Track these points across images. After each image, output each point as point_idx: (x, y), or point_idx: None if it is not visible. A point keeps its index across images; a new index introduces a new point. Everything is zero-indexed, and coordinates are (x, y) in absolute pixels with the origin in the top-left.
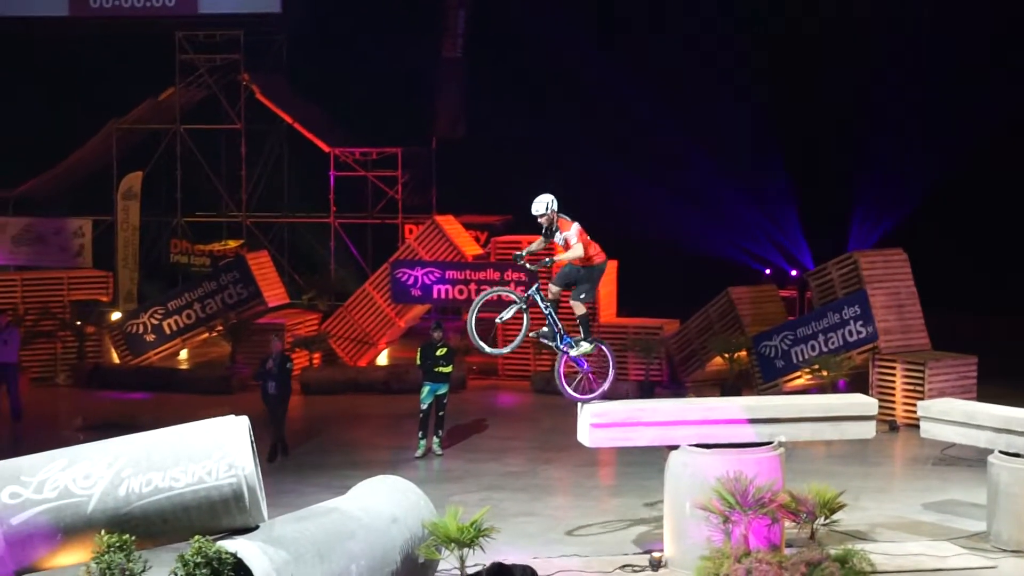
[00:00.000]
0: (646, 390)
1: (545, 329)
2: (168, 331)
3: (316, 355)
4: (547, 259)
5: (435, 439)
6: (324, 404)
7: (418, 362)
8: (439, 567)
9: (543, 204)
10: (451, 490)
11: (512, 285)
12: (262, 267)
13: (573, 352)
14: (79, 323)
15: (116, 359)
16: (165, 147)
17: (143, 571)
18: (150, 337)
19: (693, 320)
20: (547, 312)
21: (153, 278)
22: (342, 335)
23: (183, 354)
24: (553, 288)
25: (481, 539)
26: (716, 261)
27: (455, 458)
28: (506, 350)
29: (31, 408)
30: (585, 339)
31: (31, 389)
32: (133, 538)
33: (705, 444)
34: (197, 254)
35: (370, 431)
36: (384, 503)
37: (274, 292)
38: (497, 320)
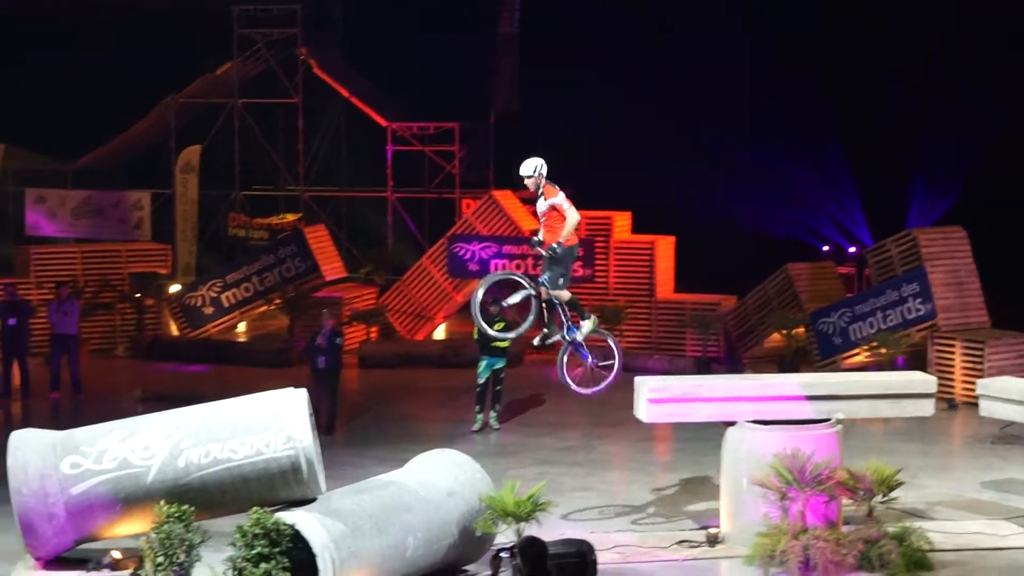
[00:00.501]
0: (703, 366)
1: (546, 332)
2: (226, 304)
3: (373, 329)
4: (536, 238)
5: (492, 413)
6: (381, 378)
7: (475, 336)
8: (495, 541)
9: (531, 167)
10: (508, 464)
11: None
12: (320, 241)
13: (580, 336)
14: (138, 295)
15: (175, 331)
16: (223, 121)
17: (202, 542)
18: (208, 310)
19: (751, 296)
20: (554, 305)
21: (211, 251)
22: (399, 309)
23: (241, 327)
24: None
25: (537, 513)
26: (774, 238)
27: (512, 432)
28: (511, 334)
29: (91, 380)
30: (584, 317)
31: (91, 361)
32: (192, 509)
33: (762, 420)
34: (255, 227)
35: (427, 405)
36: (441, 476)
37: (332, 266)
38: (505, 303)
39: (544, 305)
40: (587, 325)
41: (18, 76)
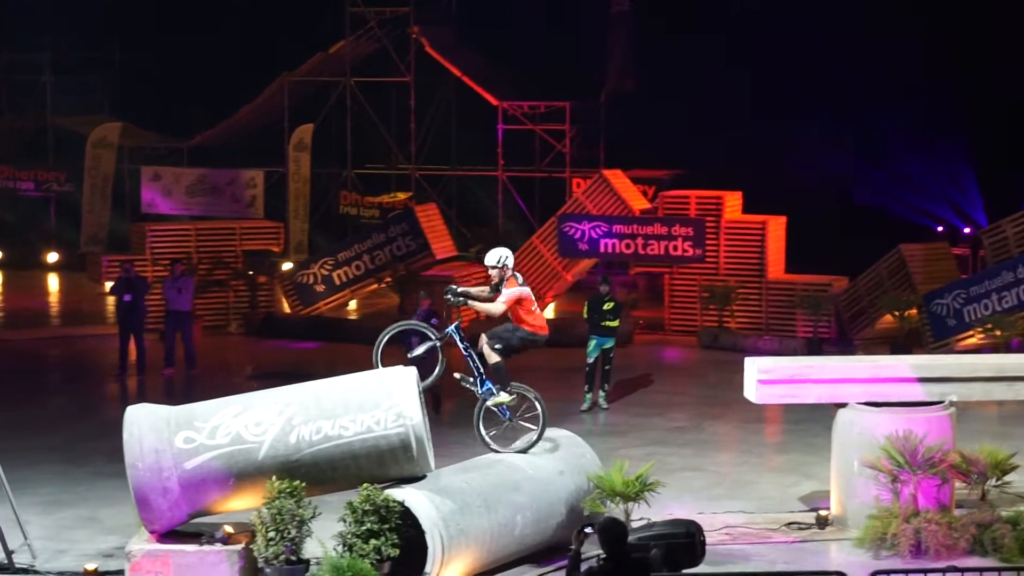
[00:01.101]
0: (814, 347)
1: (468, 378)
2: (338, 282)
3: None
4: (458, 296)
5: (601, 393)
6: None
7: (585, 316)
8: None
9: (496, 257)
10: (616, 444)
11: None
12: (430, 219)
13: (490, 402)
14: (251, 273)
15: (287, 309)
16: (336, 100)
17: (312, 517)
18: (320, 288)
19: (863, 277)
20: (466, 353)
21: (323, 229)
22: None
23: (352, 304)
24: (483, 341)
25: (646, 493)
26: (887, 218)
27: (621, 412)
28: (429, 381)
29: (204, 356)
30: (503, 388)
31: (204, 337)
32: (303, 484)
33: (874, 402)
34: (366, 206)
35: (536, 384)
36: (549, 455)
37: (442, 244)
38: (409, 355)
39: (468, 348)
40: (502, 396)
41: (136, 56)
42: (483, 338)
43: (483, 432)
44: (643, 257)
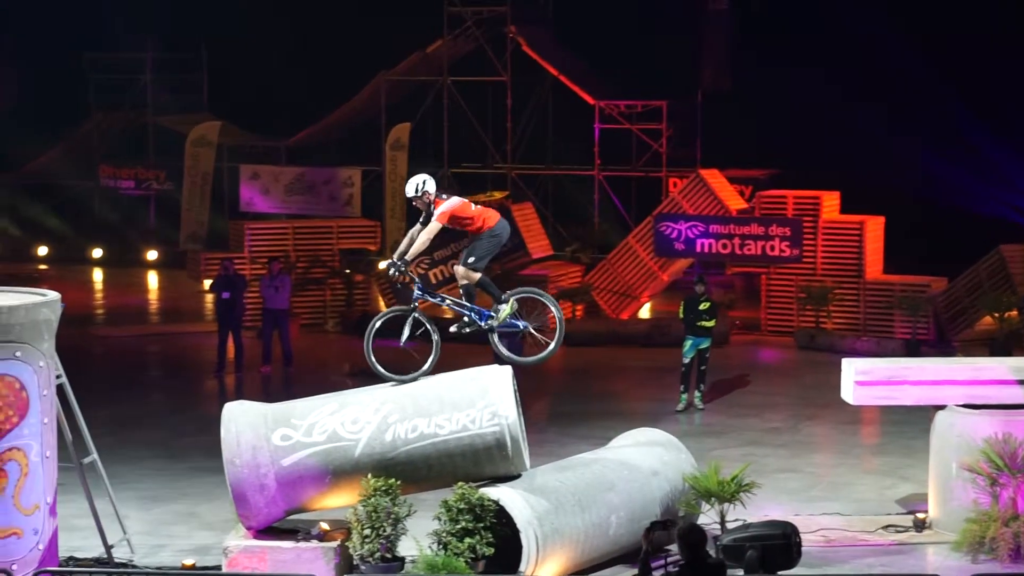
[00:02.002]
0: (912, 348)
1: (464, 320)
2: (434, 280)
3: (579, 307)
4: (400, 264)
5: (696, 393)
6: (586, 356)
7: (680, 316)
8: (698, 521)
9: (412, 187)
10: (711, 444)
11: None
12: (527, 218)
13: (496, 322)
14: (348, 271)
15: (383, 307)
16: (433, 99)
17: (408, 515)
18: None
19: (962, 278)
20: (445, 303)
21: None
22: (605, 288)
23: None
24: (459, 269)
25: (742, 494)
26: (986, 219)
27: (716, 413)
28: (422, 371)
29: (301, 354)
30: (499, 302)
31: (301, 335)
32: (398, 482)
33: (973, 404)
34: None
35: (631, 384)
36: (645, 456)
37: (538, 244)
38: (401, 344)
39: (442, 297)
40: (502, 309)
41: (235, 55)
42: (458, 269)
43: (504, 351)
44: (740, 257)
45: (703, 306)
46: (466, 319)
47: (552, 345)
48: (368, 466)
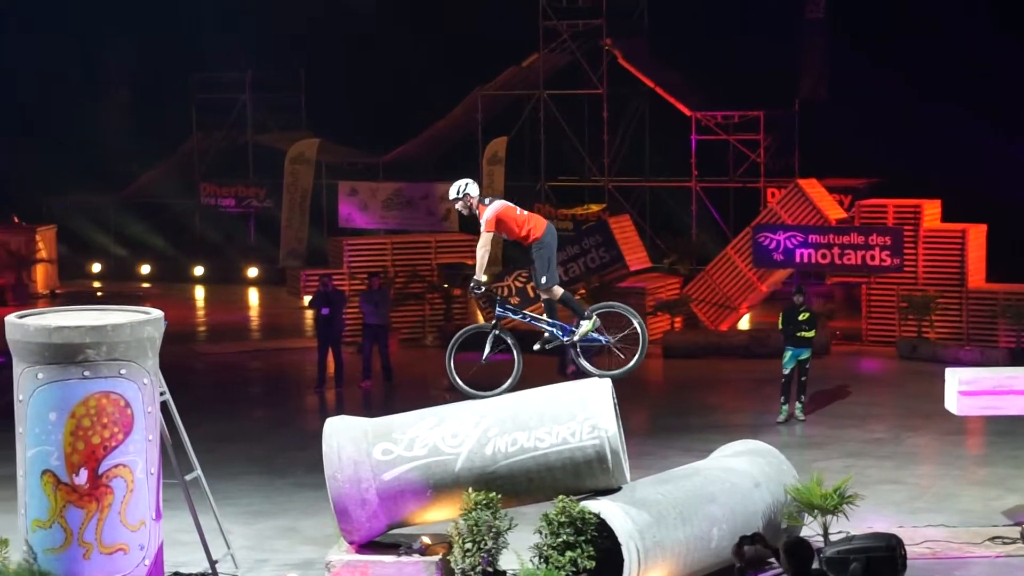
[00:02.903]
0: (1018, 357)
1: (545, 336)
2: (532, 294)
3: (677, 319)
4: (480, 283)
5: (797, 404)
6: (685, 368)
7: (780, 326)
8: (800, 533)
9: (454, 189)
10: (813, 456)
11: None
12: (624, 231)
13: (577, 336)
14: (446, 286)
15: (481, 321)
16: (529, 112)
17: (508, 528)
18: (514, 300)
19: None
20: (527, 319)
21: (517, 242)
22: (703, 299)
23: (545, 317)
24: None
25: (845, 506)
26: None
27: (817, 424)
28: (504, 387)
29: (401, 368)
30: (582, 318)
31: (400, 350)
32: (499, 496)
33: None
34: (560, 218)
35: (731, 395)
36: (746, 467)
37: (636, 256)
38: (482, 361)
39: (522, 313)
40: (584, 326)
41: (332, 73)
42: (538, 289)
43: (586, 365)
44: (839, 267)
45: (802, 317)
46: (547, 335)
47: (634, 360)
48: (468, 480)
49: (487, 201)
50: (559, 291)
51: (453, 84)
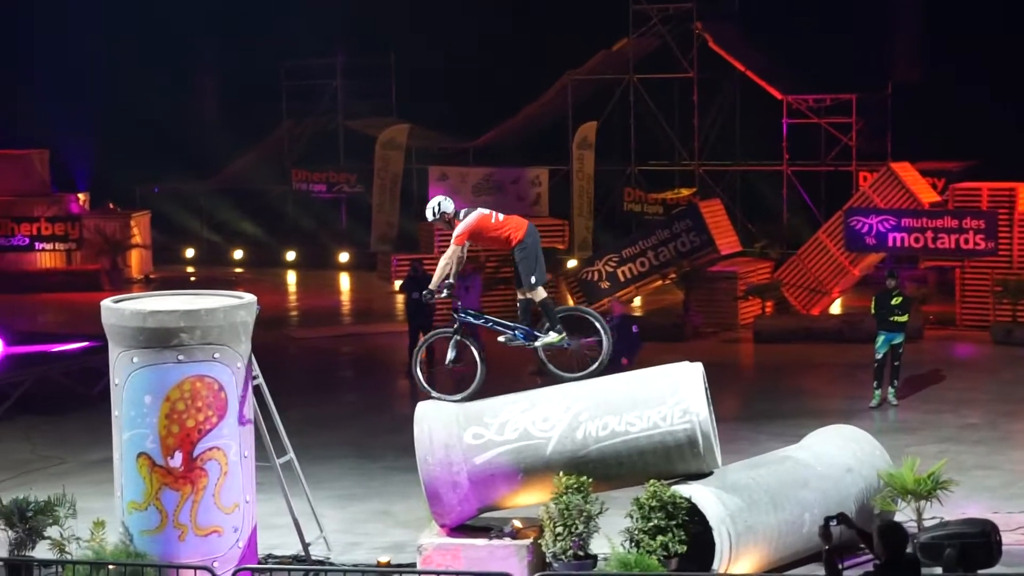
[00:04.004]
0: None
1: (507, 335)
2: (622, 278)
3: (768, 303)
4: (438, 288)
5: (890, 389)
6: (776, 352)
7: (872, 311)
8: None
9: (429, 211)
10: (906, 441)
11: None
12: (715, 215)
13: (539, 343)
14: None
15: (571, 304)
16: (619, 97)
17: (599, 513)
18: (604, 284)
19: None
20: (489, 324)
21: (607, 226)
22: (795, 283)
23: (636, 301)
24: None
25: (939, 492)
26: None
27: (911, 409)
28: (468, 391)
29: (490, 353)
30: (551, 327)
31: (489, 334)
32: (590, 480)
33: None
34: (650, 202)
35: (823, 380)
36: (838, 452)
37: (727, 240)
38: (447, 365)
39: (484, 318)
40: (550, 337)
41: (422, 59)
42: (522, 291)
43: (551, 367)
44: (933, 251)
45: (895, 301)
46: (508, 335)
47: (595, 364)
48: (559, 464)
49: (462, 213)
50: (542, 294)
51: (543, 69)
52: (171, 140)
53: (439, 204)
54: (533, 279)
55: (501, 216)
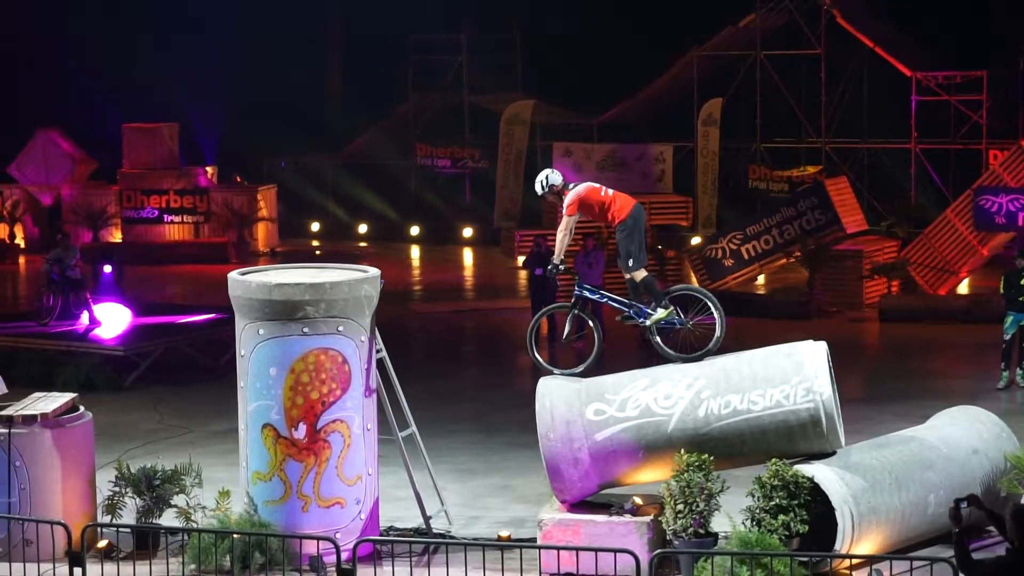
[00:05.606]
0: None
1: (625, 314)
2: (746, 256)
3: (894, 283)
4: (558, 265)
5: (1018, 371)
6: (902, 332)
7: (1001, 291)
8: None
9: (538, 184)
10: None
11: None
12: (841, 193)
13: (649, 322)
14: (660, 247)
15: (694, 282)
16: (745, 73)
17: (721, 491)
18: (728, 262)
19: None
20: (604, 300)
21: (732, 203)
22: (922, 262)
23: (760, 279)
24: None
25: None
26: None
27: None
28: (583, 366)
29: (613, 329)
30: (659, 305)
31: (612, 311)
32: (711, 458)
33: None
34: (775, 180)
35: (950, 360)
36: (964, 434)
37: (853, 218)
38: (564, 340)
39: (602, 295)
40: (658, 313)
41: (548, 35)
42: (627, 272)
43: (663, 346)
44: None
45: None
46: (625, 314)
47: (712, 343)
48: (681, 442)
49: (571, 186)
50: (642, 274)
51: (669, 45)
52: (298, 114)
53: (547, 177)
54: (631, 262)
55: (611, 191)
